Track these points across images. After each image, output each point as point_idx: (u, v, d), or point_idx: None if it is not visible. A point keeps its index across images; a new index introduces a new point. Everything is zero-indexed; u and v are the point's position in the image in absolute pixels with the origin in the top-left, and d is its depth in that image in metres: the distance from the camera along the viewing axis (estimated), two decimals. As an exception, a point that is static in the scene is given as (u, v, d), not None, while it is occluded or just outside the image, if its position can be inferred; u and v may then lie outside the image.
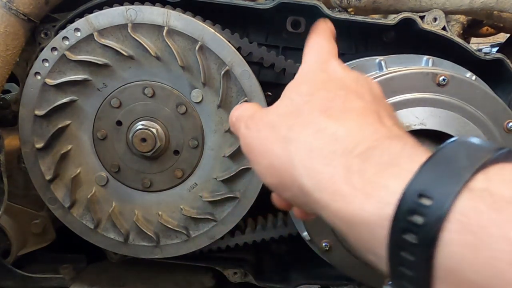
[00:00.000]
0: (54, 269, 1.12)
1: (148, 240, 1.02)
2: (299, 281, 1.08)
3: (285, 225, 1.06)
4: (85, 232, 1.02)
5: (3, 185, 0.95)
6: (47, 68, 0.94)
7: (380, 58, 0.88)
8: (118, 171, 1.00)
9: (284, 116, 0.52)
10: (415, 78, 0.81)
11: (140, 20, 0.92)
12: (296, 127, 0.49)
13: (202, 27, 0.92)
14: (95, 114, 0.97)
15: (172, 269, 1.11)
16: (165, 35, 0.91)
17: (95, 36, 0.92)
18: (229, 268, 1.09)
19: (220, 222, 1.00)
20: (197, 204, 1.01)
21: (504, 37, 1.26)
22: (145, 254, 1.04)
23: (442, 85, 0.80)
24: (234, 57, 0.93)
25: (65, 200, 1.00)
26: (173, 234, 1.02)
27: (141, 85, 0.95)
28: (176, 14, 0.92)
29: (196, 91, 0.94)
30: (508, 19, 1.07)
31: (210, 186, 1.00)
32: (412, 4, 0.95)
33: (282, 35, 1.08)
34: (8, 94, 1.21)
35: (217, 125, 0.97)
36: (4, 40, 0.90)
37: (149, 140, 0.94)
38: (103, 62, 0.93)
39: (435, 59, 0.87)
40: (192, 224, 1.02)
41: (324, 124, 0.47)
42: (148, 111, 0.96)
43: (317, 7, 0.95)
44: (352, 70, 0.58)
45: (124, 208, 1.02)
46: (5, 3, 0.89)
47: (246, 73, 0.93)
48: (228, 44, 0.93)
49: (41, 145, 0.97)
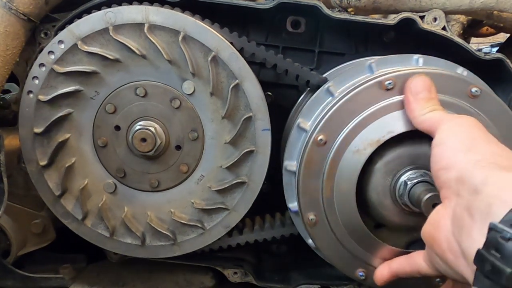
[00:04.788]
0: (54, 269, 1.12)
1: (165, 239, 1.02)
2: (299, 281, 1.08)
3: (283, 225, 1.06)
4: (102, 241, 1.03)
5: (3, 185, 0.94)
6: (38, 85, 0.94)
7: (370, 61, 0.88)
8: (124, 175, 1.00)
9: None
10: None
11: (120, 21, 0.91)
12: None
13: (183, 18, 0.91)
14: (93, 123, 0.97)
15: (172, 269, 1.11)
16: (147, 31, 0.91)
17: (79, 45, 0.91)
18: (229, 268, 1.09)
19: (232, 210, 1.00)
20: (207, 195, 1.00)
21: (504, 37, 1.26)
22: (164, 253, 1.03)
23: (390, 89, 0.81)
24: (219, 42, 0.92)
25: (77, 213, 1.00)
26: (189, 229, 1.02)
27: (132, 86, 0.95)
28: (154, 9, 0.91)
29: (187, 83, 0.94)
30: (508, 19, 1.07)
31: (216, 175, 0.99)
32: (412, 4, 0.95)
33: (282, 35, 1.09)
34: (8, 94, 1.21)
35: (213, 113, 0.96)
36: (4, 40, 0.90)
37: (148, 139, 0.94)
38: (91, 70, 0.93)
39: (426, 57, 0.87)
40: (205, 216, 1.01)
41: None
42: (143, 111, 0.96)
43: (317, 7, 0.95)
44: None
45: (136, 212, 1.02)
46: (5, 3, 0.89)
47: (233, 56, 0.93)
48: (211, 30, 0.92)
49: (45, 162, 0.97)
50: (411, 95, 0.76)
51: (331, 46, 1.09)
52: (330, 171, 0.83)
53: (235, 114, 0.95)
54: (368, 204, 0.85)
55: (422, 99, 0.75)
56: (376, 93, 0.81)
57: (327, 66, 1.07)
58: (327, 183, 0.83)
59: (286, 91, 1.10)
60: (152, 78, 0.95)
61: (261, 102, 0.95)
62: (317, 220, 0.86)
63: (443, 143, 0.67)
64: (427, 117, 0.73)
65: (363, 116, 0.81)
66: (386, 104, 0.81)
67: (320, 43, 1.09)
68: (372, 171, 0.83)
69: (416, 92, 0.76)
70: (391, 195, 0.83)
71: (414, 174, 0.80)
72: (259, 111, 0.95)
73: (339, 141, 0.82)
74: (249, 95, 0.94)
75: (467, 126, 0.68)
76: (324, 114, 0.84)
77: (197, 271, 1.12)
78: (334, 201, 0.84)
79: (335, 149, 0.82)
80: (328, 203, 0.84)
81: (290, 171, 0.91)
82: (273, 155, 0.99)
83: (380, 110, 0.81)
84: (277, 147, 1.05)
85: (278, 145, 1.06)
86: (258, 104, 0.94)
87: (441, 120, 0.71)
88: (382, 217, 0.85)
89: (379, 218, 0.86)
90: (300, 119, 0.91)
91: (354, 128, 0.81)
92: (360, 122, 0.81)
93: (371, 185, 0.83)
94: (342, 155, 0.82)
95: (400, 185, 0.81)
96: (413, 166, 0.81)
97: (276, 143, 1.01)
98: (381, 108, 0.81)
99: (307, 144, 0.84)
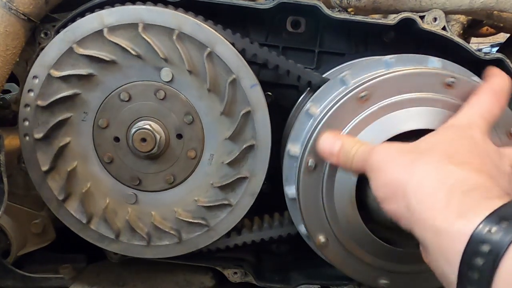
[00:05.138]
0: (54, 269, 1.12)
1: (199, 228, 1.02)
2: (299, 281, 1.08)
3: (281, 225, 1.06)
4: (140, 251, 1.03)
5: (3, 185, 0.94)
6: (28, 126, 0.95)
7: (342, 75, 0.88)
8: (140, 182, 1.00)
9: (418, 149, 0.68)
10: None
11: (80, 36, 0.91)
12: (424, 158, 0.64)
13: (134, 9, 0.91)
14: (93, 144, 0.98)
15: (172, 269, 1.11)
16: (107, 35, 0.91)
17: (51, 73, 0.92)
18: (229, 268, 1.09)
19: (251, 176, 0.98)
20: (223, 171, 0.99)
21: (504, 37, 1.26)
22: (204, 242, 1.03)
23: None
24: (178, 18, 0.91)
25: (109, 233, 1.02)
26: (218, 211, 1.01)
27: (115, 95, 0.95)
28: (106, 12, 0.91)
29: (164, 71, 0.93)
30: (508, 19, 1.07)
31: (224, 149, 0.98)
32: (412, 4, 0.95)
33: (282, 35, 1.09)
34: (8, 94, 1.21)
35: (198, 90, 0.95)
36: (4, 40, 0.90)
37: (148, 137, 0.94)
38: (73, 93, 0.93)
39: (398, 57, 0.87)
40: (230, 192, 1.00)
41: (446, 165, 0.61)
42: (134, 113, 0.96)
43: (317, 7, 0.95)
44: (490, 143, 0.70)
45: (163, 212, 1.03)
46: (5, 3, 0.89)
47: (196, 27, 0.91)
48: (167, 10, 0.91)
49: (62, 197, 0.98)
50: (331, 157, 0.78)
51: (331, 46, 1.09)
52: (328, 192, 0.84)
53: (218, 83, 0.94)
54: (367, 203, 0.85)
55: (342, 151, 0.76)
56: (354, 106, 0.81)
57: (327, 66, 1.07)
58: (329, 170, 0.83)
59: (286, 91, 1.10)
60: (129, 79, 0.95)
61: (239, 62, 0.93)
62: (328, 241, 0.86)
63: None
64: (357, 155, 0.74)
65: (346, 131, 0.81)
66: (365, 115, 0.81)
67: (320, 43, 1.09)
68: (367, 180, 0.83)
69: (331, 153, 0.77)
70: None
71: None
72: (240, 71, 0.93)
73: (349, 129, 0.82)
74: (226, 58, 0.92)
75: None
76: (337, 101, 0.83)
77: (197, 271, 1.12)
78: (338, 219, 0.84)
79: (327, 170, 0.83)
80: (333, 222, 0.85)
81: (292, 156, 0.90)
82: (273, 155, 0.99)
83: (361, 122, 0.81)
84: (277, 147, 1.05)
85: (278, 145, 1.06)
86: (236, 64, 0.93)
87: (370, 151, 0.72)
88: (386, 222, 0.85)
89: (384, 223, 0.86)
90: (310, 104, 0.90)
91: (366, 118, 0.81)
92: (374, 113, 0.81)
93: (370, 195, 0.83)
94: (335, 175, 0.83)
95: None
96: None
97: (276, 143, 1.01)
98: (361, 121, 0.81)
99: (299, 171, 0.85)
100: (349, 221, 0.84)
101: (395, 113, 0.81)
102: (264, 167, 0.99)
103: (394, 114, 0.81)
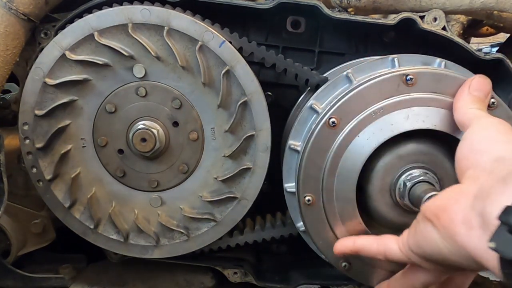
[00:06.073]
0: (54, 269, 1.12)
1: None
2: (299, 281, 1.08)
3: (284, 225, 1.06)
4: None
5: (3, 185, 0.94)
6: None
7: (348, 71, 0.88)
8: (158, 183, 1.01)
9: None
10: None
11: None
12: None
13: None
14: (101, 164, 1.00)
15: (172, 269, 1.11)
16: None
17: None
18: (229, 268, 1.09)
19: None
20: (229, 141, 0.99)
21: (504, 37, 1.26)
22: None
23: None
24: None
25: (150, 241, 1.03)
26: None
27: (102, 107, 0.97)
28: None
29: (135, 68, 0.94)
30: (508, 19, 1.07)
31: (221, 118, 0.97)
32: (412, 4, 0.95)
33: (282, 35, 1.09)
34: (8, 94, 1.21)
35: (174, 70, 0.94)
36: (4, 40, 0.90)
37: (146, 136, 0.95)
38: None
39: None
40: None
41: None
42: (125, 120, 0.97)
43: (317, 7, 0.95)
44: None
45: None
46: (5, 3, 0.89)
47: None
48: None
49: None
50: (468, 89, 0.79)
51: (331, 46, 1.09)
52: (336, 154, 0.83)
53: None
54: (367, 202, 0.85)
55: (476, 96, 0.79)
56: (397, 86, 0.82)
57: (327, 66, 1.07)
58: (331, 167, 0.83)
59: (286, 91, 1.10)
60: (111, 88, 0.96)
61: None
62: (313, 202, 0.86)
63: (480, 132, 0.71)
64: (471, 111, 0.76)
65: (380, 106, 0.81)
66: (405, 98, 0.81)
67: (320, 43, 1.09)
68: (373, 169, 0.83)
69: (474, 89, 0.79)
70: (391, 195, 0.83)
71: (414, 174, 0.81)
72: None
73: (351, 126, 0.82)
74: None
75: (503, 122, 0.72)
76: (340, 98, 0.83)
77: (197, 271, 1.12)
78: (334, 187, 0.84)
79: (345, 133, 0.82)
80: (327, 188, 0.84)
81: (293, 150, 0.91)
82: (274, 154, 0.99)
83: (396, 104, 0.81)
84: (277, 147, 1.05)
85: (279, 146, 1.06)
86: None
87: (480, 116, 0.75)
88: (381, 215, 0.85)
89: (377, 216, 0.86)
90: (313, 100, 0.90)
91: (367, 117, 0.81)
92: (375, 112, 0.81)
93: (371, 182, 0.83)
94: (351, 141, 0.82)
95: (400, 184, 0.81)
96: (413, 166, 0.81)
97: (276, 144, 1.01)
98: (397, 102, 0.81)
99: (317, 124, 0.84)
100: (343, 193, 0.84)
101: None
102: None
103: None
